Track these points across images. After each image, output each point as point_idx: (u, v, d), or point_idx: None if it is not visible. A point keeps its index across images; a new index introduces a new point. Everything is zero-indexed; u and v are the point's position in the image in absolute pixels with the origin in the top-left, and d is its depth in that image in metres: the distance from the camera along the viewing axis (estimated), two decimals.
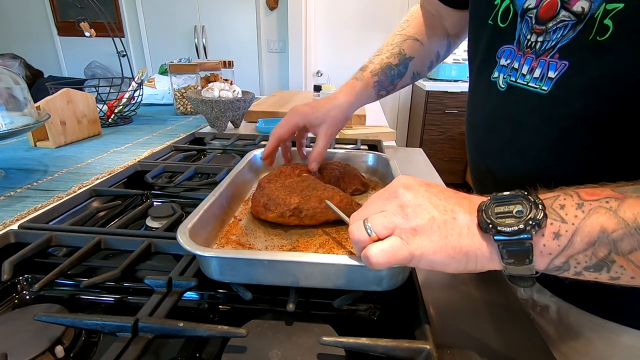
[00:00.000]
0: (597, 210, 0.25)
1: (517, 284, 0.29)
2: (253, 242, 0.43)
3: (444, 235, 0.28)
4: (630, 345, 0.41)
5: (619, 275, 0.26)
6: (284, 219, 0.45)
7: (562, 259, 0.26)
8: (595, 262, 0.25)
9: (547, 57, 0.36)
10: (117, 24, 2.89)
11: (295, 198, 0.45)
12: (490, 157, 0.46)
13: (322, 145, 0.55)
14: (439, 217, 0.28)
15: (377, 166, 0.64)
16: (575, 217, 0.25)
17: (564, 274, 0.28)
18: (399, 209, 0.29)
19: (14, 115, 0.73)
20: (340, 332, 0.33)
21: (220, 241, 0.42)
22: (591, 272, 0.26)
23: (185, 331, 0.30)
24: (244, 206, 0.51)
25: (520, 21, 0.39)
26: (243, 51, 2.90)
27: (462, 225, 0.28)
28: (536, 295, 0.50)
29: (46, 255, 0.45)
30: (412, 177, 0.32)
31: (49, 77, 2.61)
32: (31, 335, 0.33)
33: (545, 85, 0.36)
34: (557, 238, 0.26)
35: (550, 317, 0.48)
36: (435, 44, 0.64)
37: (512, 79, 0.41)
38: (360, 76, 0.61)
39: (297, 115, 0.55)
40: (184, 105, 1.32)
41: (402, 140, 3.11)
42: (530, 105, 0.38)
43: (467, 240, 0.28)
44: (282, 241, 0.43)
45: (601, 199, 0.25)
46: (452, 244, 0.28)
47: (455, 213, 0.29)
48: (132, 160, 0.82)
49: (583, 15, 0.32)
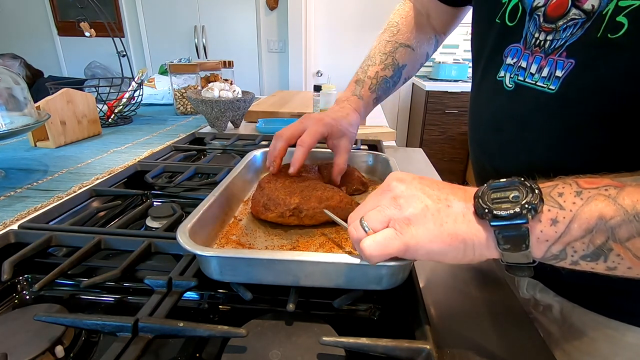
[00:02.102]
0: (596, 197, 0.25)
1: (515, 273, 0.28)
2: (253, 242, 0.43)
3: (438, 223, 0.28)
4: (634, 344, 0.41)
5: (616, 265, 0.25)
6: (284, 219, 0.44)
7: (559, 246, 0.26)
8: (592, 250, 0.25)
9: (555, 55, 0.36)
10: (117, 24, 2.89)
11: (295, 198, 0.45)
12: (495, 156, 0.46)
13: (344, 160, 0.54)
14: (432, 206, 0.29)
15: (377, 166, 0.64)
16: (574, 204, 0.25)
17: (561, 264, 0.27)
18: (392, 201, 0.30)
19: (14, 115, 0.73)
20: (340, 332, 0.33)
21: (220, 241, 0.42)
22: (588, 261, 0.26)
23: (185, 331, 0.30)
24: (244, 206, 0.51)
25: (529, 20, 0.38)
26: (243, 51, 2.90)
27: (457, 213, 0.28)
28: (539, 294, 0.50)
29: (46, 255, 0.44)
30: (406, 172, 0.32)
31: (49, 77, 2.62)
32: (31, 335, 0.33)
33: (552, 84, 0.36)
34: (554, 224, 0.26)
35: (554, 317, 0.48)
36: (425, 45, 0.65)
37: (520, 78, 0.40)
38: (360, 94, 0.61)
39: (323, 125, 0.53)
40: (184, 105, 1.32)
41: (402, 140, 3.11)
42: (538, 104, 0.38)
43: (463, 227, 0.28)
44: (282, 241, 0.43)
45: (600, 187, 0.25)
46: (448, 231, 0.28)
47: (449, 201, 0.29)
48: (132, 160, 0.82)
49: (592, 13, 0.32)
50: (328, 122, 0.54)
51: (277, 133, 0.52)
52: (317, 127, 0.52)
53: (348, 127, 0.56)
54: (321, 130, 0.52)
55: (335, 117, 0.55)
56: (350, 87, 0.63)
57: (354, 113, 0.59)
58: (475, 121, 0.50)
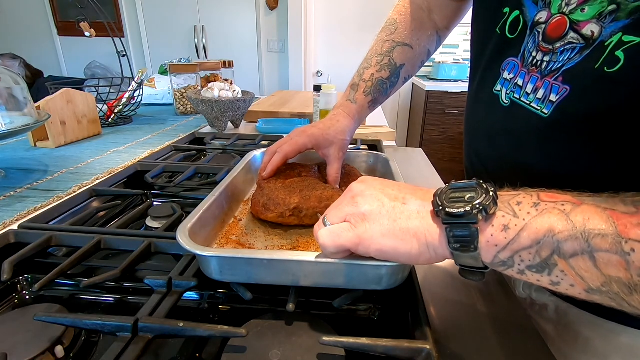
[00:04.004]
0: (551, 211, 0.25)
1: (467, 277, 0.29)
2: (253, 242, 0.43)
3: (392, 219, 0.29)
4: (629, 344, 0.41)
5: (559, 281, 0.25)
6: (284, 219, 0.44)
7: (507, 253, 0.26)
8: (538, 262, 0.25)
9: (551, 79, 0.36)
10: (117, 24, 2.89)
11: (295, 198, 0.45)
12: (491, 165, 0.47)
13: (338, 168, 0.55)
14: (387, 204, 0.30)
15: (377, 166, 0.64)
16: (528, 214, 0.26)
17: (508, 271, 0.27)
18: (351, 200, 0.32)
19: (14, 115, 0.73)
20: (340, 332, 0.33)
21: (220, 241, 0.42)
22: (534, 272, 0.26)
23: (185, 331, 0.30)
24: (244, 206, 0.51)
25: (529, 34, 0.38)
26: (243, 51, 2.90)
27: (412, 210, 0.30)
28: (535, 294, 0.50)
29: (46, 255, 0.44)
30: (372, 177, 0.35)
31: (49, 77, 2.61)
32: (31, 335, 0.33)
33: (546, 108, 0.36)
34: (505, 230, 0.26)
35: (549, 316, 0.48)
36: (425, 42, 0.63)
37: (516, 96, 0.40)
38: (354, 98, 0.60)
39: (306, 137, 0.54)
40: (184, 105, 1.32)
41: (402, 140, 3.11)
42: (532, 125, 0.38)
43: (415, 223, 0.29)
44: (282, 241, 0.43)
45: (558, 202, 0.25)
46: (400, 226, 0.29)
47: (405, 200, 0.30)
48: (132, 160, 0.82)
49: (592, 40, 0.32)
50: (312, 133, 0.55)
51: (267, 149, 0.55)
52: (299, 138, 0.54)
53: (337, 135, 0.56)
54: (303, 141, 0.53)
55: (322, 127, 0.56)
56: (345, 92, 0.63)
57: (345, 119, 0.59)
58: (472, 129, 0.51)
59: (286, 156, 0.53)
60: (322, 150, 0.56)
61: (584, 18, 0.32)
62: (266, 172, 0.52)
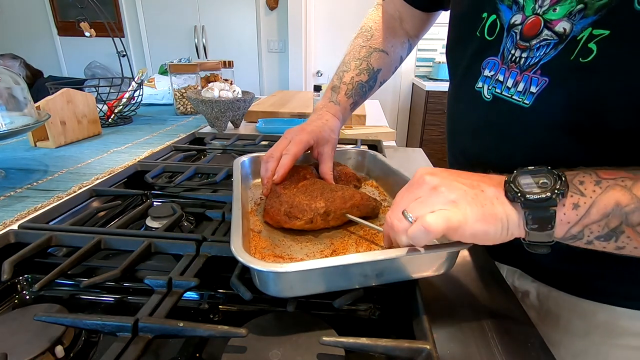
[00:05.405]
0: (614, 187, 0.29)
1: (535, 250, 0.31)
2: (289, 252, 0.41)
3: (479, 204, 0.31)
4: (606, 321, 0.45)
5: (625, 245, 0.29)
6: (313, 225, 0.43)
7: (578, 228, 0.30)
8: (606, 232, 0.29)
9: (530, 72, 0.38)
10: (117, 24, 2.89)
11: (320, 202, 0.43)
12: (476, 161, 0.48)
13: (331, 166, 0.56)
14: (470, 191, 0.32)
15: (363, 161, 0.65)
16: (594, 192, 0.29)
17: (577, 243, 0.31)
18: (433, 191, 0.32)
19: (14, 115, 0.73)
20: (340, 332, 0.33)
21: (256, 256, 0.39)
22: (601, 241, 0.30)
23: (185, 331, 0.30)
24: (252, 217, 0.48)
25: (506, 35, 0.41)
26: (243, 51, 2.90)
27: (491, 196, 0.31)
28: (517, 282, 0.53)
29: (46, 255, 0.44)
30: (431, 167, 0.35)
31: (49, 77, 2.61)
32: (31, 335, 0.33)
33: (527, 99, 0.39)
34: (575, 208, 0.29)
35: (531, 303, 0.51)
36: (399, 49, 0.67)
37: (498, 90, 0.43)
38: (336, 100, 0.62)
39: (307, 134, 0.54)
40: (184, 105, 1.32)
41: (402, 140, 3.11)
42: (514, 116, 0.41)
43: (499, 208, 0.31)
44: (318, 247, 0.42)
45: (617, 178, 0.29)
46: (488, 211, 0.31)
47: (481, 187, 0.32)
48: (132, 160, 0.82)
49: (565, 36, 0.35)
50: (311, 130, 0.55)
51: (265, 156, 0.52)
52: (302, 136, 0.53)
53: (330, 134, 0.57)
54: (306, 138, 0.53)
55: (317, 125, 0.56)
56: (326, 94, 0.63)
57: (333, 119, 0.60)
58: (455, 128, 0.53)
59: (295, 156, 0.51)
60: (319, 148, 0.56)
61: (556, 17, 0.35)
62: (277, 176, 0.49)
